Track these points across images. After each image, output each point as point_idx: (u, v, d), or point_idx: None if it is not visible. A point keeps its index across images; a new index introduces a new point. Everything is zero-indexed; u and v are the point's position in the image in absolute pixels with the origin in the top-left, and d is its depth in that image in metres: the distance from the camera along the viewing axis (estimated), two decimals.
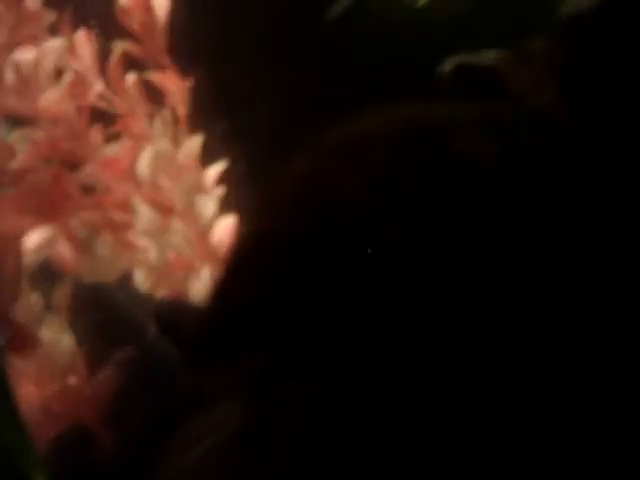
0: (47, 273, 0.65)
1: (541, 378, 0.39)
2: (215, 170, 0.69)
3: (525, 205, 0.41)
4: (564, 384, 0.39)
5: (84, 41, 0.67)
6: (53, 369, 0.64)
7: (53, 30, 0.66)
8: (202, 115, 0.69)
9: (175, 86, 0.68)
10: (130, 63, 0.68)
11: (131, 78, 0.67)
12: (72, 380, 0.65)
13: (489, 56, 0.56)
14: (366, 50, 0.76)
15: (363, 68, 0.76)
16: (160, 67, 0.68)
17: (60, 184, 0.61)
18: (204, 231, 0.66)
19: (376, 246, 0.40)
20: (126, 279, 0.67)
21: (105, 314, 0.69)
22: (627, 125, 0.45)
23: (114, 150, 0.66)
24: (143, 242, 0.66)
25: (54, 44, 0.65)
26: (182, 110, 0.69)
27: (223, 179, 0.69)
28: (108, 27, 0.68)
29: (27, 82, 0.64)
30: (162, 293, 0.66)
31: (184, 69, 0.69)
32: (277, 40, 0.78)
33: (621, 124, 0.45)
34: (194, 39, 0.75)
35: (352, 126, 0.44)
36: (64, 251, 0.63)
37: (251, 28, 0.78)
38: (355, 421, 0.38)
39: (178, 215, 0.65)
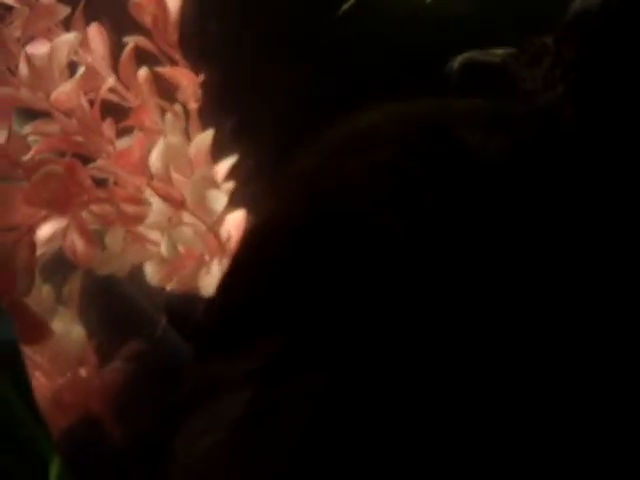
0: (59, 265, 0.66)
1: (543, 375, 0.39)
2: (225, 165, 0.69)
3: (531, 201, 0.41)
4: (565, 382, 0.39)
5: (97, 35, 0.67)
6: (64, 361, 0.65)
7: (66, 24, 0.67)
8: (213, 110, 0.70)
9: (186, 81, 0.69)
10: (142, 57, 0.68)
11: (143, 72, 0.67)
12: (82, 372, 0.65)
13: (497, 53, 0.56)
14: (373, 47, 0.76)
15: (371, 65, 0.76)
16: (172, 62, 0.69)
17: (72, 177, 0.62)
18: (214, 225, 0.66)
19: (381, 241, 0.40)
20: (137, 272, 0.67)
21: (116, 306, 0.69)
22: (634, 121, 0.46)
23: (126, 144, 0.66)
24: (154, 235, 0.66)
25: (67, 38, 0.65)
26: (193, 105, 0.69)
27: (233, 174, 0.69)
28: (120, 21, 0.69)
29: (40, 76, 0.64)
30: (172, 286, 0.66)
31: (195, 64, 0.69)
32: (286, 36, 0.78)
33: (628, 120, 0.46)
34: (205, 34, 0.75)
35: (357, 122, 0.44)
36: (76, 243, 0.63)
37: (261, 24, 0.79)
38: (361, 414, 0.39)
39: (189, 209, 0.66)
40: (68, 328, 0.65)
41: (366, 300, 0.40)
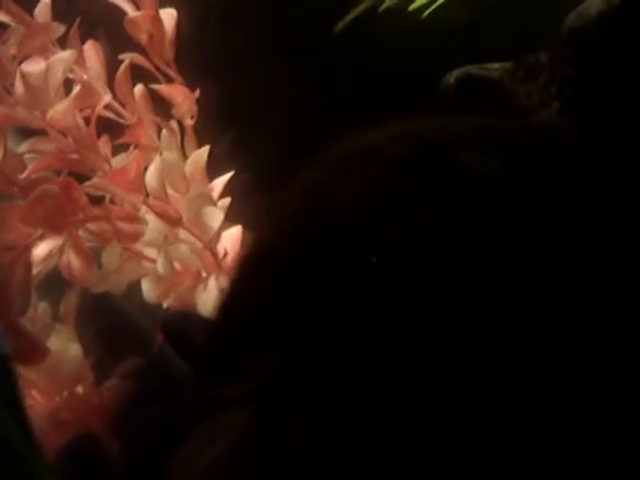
0: (55, 283, 0.66)
1: (540, 383, 0.39)
2: (221, 181, 0.69)
3: (529, 217, 0.41)
4: (564, 389, 0.39)
5: (92, 53, 0.67)
6: (60, 378, 0.64)
7: (62, 42, 0.67)
8: (209, 126, 0.70)
9: (182, 97, 0.69)
10: (138, 74, 0.68)
11: (139, 89, 0.67)
12: (79, 389, 0.65)
13: (493, 68, 0.56)
14: (373, 61, 0.76)
15: (370, 79, 0.76)
16: (167, 79, 0.69)
17: (68, 195, 0.62)
18: (211, 242, 0.66)
19: (379, 259, 0.40)
20: (133, 289, 0.67)
21: (112, 324, 0.69)
22: (632, 135, 0.46)
23: (122, 161, 0.66)
24: (150, 252, 0.66)
25: (63, 56, 0.65)
26: (189, 121, 0.69)
27: (229, 190, 0.69)
28: (116, 39, 0.69)
29: (36, 94, 0.64)
30: (169, 303, 0.66)
31: (191, 81, 0.69)
32: (284, 52, 0.78)
33: (626, 134, 0.46)
34: (201, 51, 0.75)
35: (357, 140, 0.45)
36: (72, 262, 0.63)
37: (258, 40, 0.79)
38: (359, 429, 0.39)
39: (185, 226, 0.66)
40: (65, 346, 0.65)
41: (364, 317, 0.40)
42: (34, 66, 0.65)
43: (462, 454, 0.38)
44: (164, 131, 0.68)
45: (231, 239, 0.67)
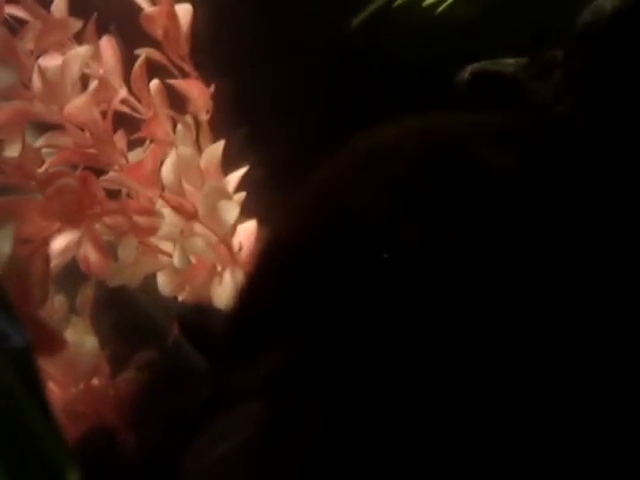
0: (71, 275, 0.66)
1: (550, 378, 0.39)
2: (237, 175, 0.69)
3: (544, 213, 0.41)
4: (567, 386, 0.39)
5: (108, 48, 0.68)
6: (77, 371, 0.65)
7: (78, 37, 0.67)
8: (224, 121, 0.70)
9: (197, 92, 0.69)
10: (153, 69, 0.68)
11: (154, 84, 0.68)
12: (96, 381, 0.66)
13: (508, 63, 0.56)
14: (387, 57, 0.76)
15: (385, 75, 0.76)
16: (183, 74, 0.69)
17: (86, 189, 0.62)
18: (226, 236, 0.67)
19: (395, 256, 0.40)
20: (149, 282, 0.67)
21: (128, 316, 0.70)
22: None
23: (138, 155, 0.66)
24: (166, 246, 0.67)
25: (79, 51, 0.65)
26: (204, 116, 0.69)
27: (244, 184, 0.69)
28: (132, 34, 0.69)
29: (53, 89, 0.64)
30: (185, 296, 0.67)
31: (206, 76, 0.70)
32: (299, 47, 0.79)
33: None
34: (217, 46, 0.76)
35: (372, 137, 0.45)
36: (89, 255, 0.63)
37: (273, 35, 0.79)
38: (372, 424, 0.39)
39: (201, 220, 0.66)
40: (81, 338, 0.65)
41: (380, 312, 0.40)
42: (51, 61, 0.65)
43: (475, 446, 0.38)
44: (179, 126, 0.68)
45: (246, 233, 0.68)
